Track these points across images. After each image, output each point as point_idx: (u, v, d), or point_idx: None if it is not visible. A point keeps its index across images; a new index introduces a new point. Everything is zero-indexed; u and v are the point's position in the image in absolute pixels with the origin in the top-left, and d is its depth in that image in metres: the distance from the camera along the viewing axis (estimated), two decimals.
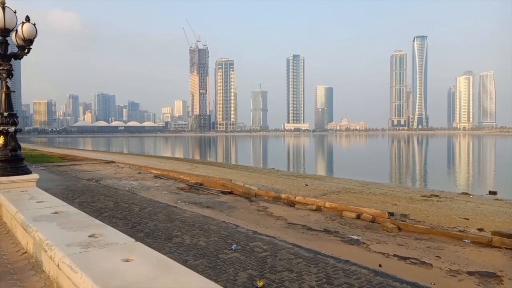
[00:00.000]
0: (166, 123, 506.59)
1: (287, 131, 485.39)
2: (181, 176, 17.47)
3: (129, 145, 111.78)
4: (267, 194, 12.90)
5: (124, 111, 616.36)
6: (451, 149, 79.91)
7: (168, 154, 60.90)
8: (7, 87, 6.33)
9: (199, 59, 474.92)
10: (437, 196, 16.60)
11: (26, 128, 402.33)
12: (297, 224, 7.98)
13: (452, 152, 68.27)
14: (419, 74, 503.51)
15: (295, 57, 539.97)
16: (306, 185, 19.14)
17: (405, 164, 43.76)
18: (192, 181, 16.71)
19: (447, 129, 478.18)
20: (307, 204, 11.25)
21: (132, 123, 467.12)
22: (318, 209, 10.72)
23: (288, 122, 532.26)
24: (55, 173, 17.88)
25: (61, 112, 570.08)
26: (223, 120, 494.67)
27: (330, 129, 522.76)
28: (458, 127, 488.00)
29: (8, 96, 6.32)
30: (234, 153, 71.37)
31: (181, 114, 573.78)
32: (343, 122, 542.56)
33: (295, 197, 11.76)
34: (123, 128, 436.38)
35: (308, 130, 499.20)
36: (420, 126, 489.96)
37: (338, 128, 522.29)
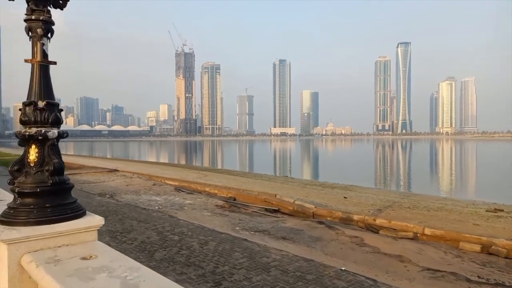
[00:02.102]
0: (151, 127, 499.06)
1: (273, 135, 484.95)
2: (207, 189, 14.95)
3: (117, 150, 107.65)
4: (331, 215, 10.52)
5: (108, 115, 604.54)
6: (459, 153, 79.24)
7: (163, 160, 57.84)
8: (44, 54, 3.47)
9: (185, 63, 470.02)
10: (502, 210, 14.54)
11: (7, 132, 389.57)
12: (438, 271, 5.66)
13: (463, 157, 67.32)
14: (403, 80, 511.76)
15: (281, 61, 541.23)
16: (345, 197, 16.85)
17: (421, 171, 42.01)
18: (222, 194, 14.21)
19: (430, 134, 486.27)
20: (395, 229, 8.94)
21: (116, 127, 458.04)
22: (415, 237, 8.42)
23: (275, 126, 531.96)
24: None
25: None
26: (209, 124, 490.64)
27: (316, 133, 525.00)
28: (441, 132, 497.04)
29: (45, 71, 3.56)
30: (233, 159, 68.73)
31: (166, 118, 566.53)
32: (329, 126, 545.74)
33: (374, 220, 9.43)
34: (107, 132, 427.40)
35: (294, 135, 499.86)
36: (404, 131, 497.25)
37: (324, 132, 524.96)
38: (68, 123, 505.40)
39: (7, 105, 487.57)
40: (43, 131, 3.06)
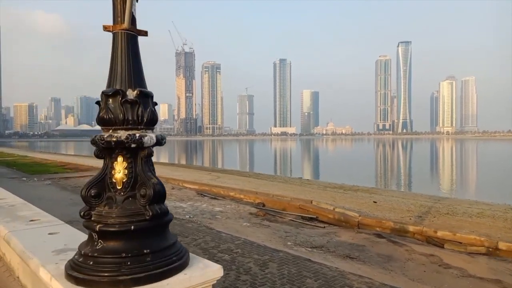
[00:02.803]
0: None
1: (274, 135, 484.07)
2: (231, 193, 13.91)
3: None
4: (380, 225, 9.49)
5: None
6: (466, 153, 78.18)
7: (167, 160, 56.76)
8: (133, 18, 2.31)
9: (186, 62, 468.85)
10: None
11: (7, 132, 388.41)
12: None
13: (472, 156, 66.27)
14: (403, 79, 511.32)
15: (282, 61, 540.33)
16: (375, 202, 15.80)
17: (436, 171, 41.00)
18: (249, 200, 13.18)
19: (431, 133, 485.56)
20: (461, 243, 7.92)
21: None
22: (488, 253, 7.41)
23: (275, 126, 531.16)
24: (69, 191, 14.04)
25: (43, 115, 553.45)
26: (209, 124, 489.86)
27: (316, 133, 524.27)
28: (442, 131, 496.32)
29: (134, 44, 2.41)
30: (239, 159, 67.68)
31: (166, 118, 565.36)
32: (329, 126, 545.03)
33: (435, 232, 8.40)
34: None
35: (294, 134, 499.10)
36: (404, 130, 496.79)
37: (324, 132, 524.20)
38: (68, 122, 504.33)
39: (7, 104, 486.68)
40: (137, 135, 1.99)
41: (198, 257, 2.36)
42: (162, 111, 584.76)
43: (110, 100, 1.98)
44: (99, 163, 2.33)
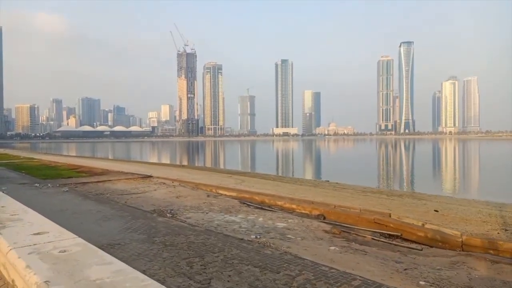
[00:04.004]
0: (153, 127, 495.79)
1: (275, 135, 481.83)
2: (278, 202, 12.04)
3: (125, 151, 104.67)
4: (495, 246, 7.60)
5: (110, 115, 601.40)
6: (480, 152, 76.13)
7: (176, 161, 54.88)
8: None
9: (187, 63, 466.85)
10: None
11: (8, 133, 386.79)
12: None
13: (489, 156, 64.22)
14: (406, 79, 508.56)
15: (284, 61, 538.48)
16: (436, 211, 13.89)
17: (467, 172, 39.01)
18: (303, 211, 11.30)
19: (433, 134, 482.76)
20: None
21: (118, 128, 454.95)
22: None
23: (277, 126, 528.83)
24: (93, 200, 12.14)
25: (45, 116, 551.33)
26: (211, 125, 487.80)
27: (318, 133, 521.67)
28: (444, 131, 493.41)
29: None
30: (251, 161, 65.71)
31: (168, 119, 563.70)
32: (331, 126, 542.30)
33: None
34: (108, 133, 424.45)
35: (296, 135, 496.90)
36: (407, 131, 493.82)
37: (326, 132, 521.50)
38: (70, 123, 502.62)
39: (9, 106, 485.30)
40: None
41: None
42: (163, 112, 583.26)
43: None
44: (113, 165, 0.83)
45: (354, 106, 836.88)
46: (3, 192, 12.50)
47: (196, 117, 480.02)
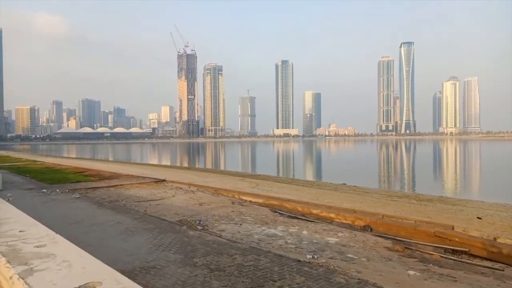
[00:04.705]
0: (154, 129, 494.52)
1: (276, 136, 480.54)
2: (314, 211, 10.87)
3: (125, 152, 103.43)
4: None
5: (110, 117, 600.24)
6: (492, 153, 74.93)
7: (181, 163, 53.73)
8: None
9: (187, 64, 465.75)
10: None
11: (9, 135, 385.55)
12: None
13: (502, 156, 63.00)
14: (406, 80, 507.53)
15: (284, 62, 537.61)
16: (479, 218, 12.77)
17: (485, 174, 37.81)
18: (344, 221, 10.14)
19: (434, 134, 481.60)
20: None
21: (118, 129, 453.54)
22: None
23: (277, 127, 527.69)
24: (109, 208, 10.96)
25: (45, 118, 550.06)
26: (211, 126, 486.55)
27: (319, 134, 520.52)
28: (445, 132, 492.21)
29: None
30: (258, 162, 64.54)
31: (168, 120, 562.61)
32: (332, 127, 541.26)
33: None
34: (109, 134, 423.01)
35: (297, 136, 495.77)
36: (407, 131, 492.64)
37: (326, 133, 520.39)
38: (70, 125, 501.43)
39: (9, 108, 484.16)
40: None
41: None
42: (164, 113, 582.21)
43: None
44: (119, 168, 0.86)
45: (355, 107, 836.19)
46: (9, 200, 11.31)
47: (196, 118, 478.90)
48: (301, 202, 11.91)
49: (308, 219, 10.23)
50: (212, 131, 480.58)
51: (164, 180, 17.78)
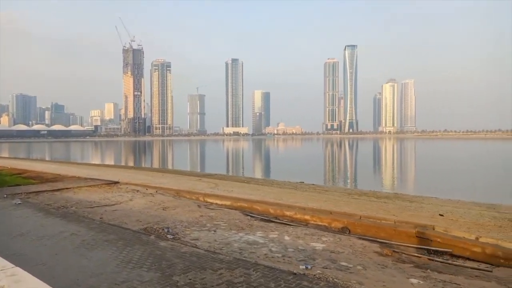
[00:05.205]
0: (96, 127, 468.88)
1: (226, 135, 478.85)
2: (287, 213, 10.31)
3: (65, 151, 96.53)
4: None
5: (47, 113, 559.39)
6: (443, 151, 79.85)
7: (127, 163, 51.01)
8: None
9: (134, 60, 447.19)
10: None
11: None
12: None
13: (453, 155, 67.34)
14: (350, 81, 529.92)
15: (234, 61, 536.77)
16: (441, 215, 13.04)
17: (431, 171, 39.83)
18: (320, 223, 9.70)
19: (375, 133, 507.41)
20: None
21: (56, 127, 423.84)
22: None
23: (227, 126, 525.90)
24: (59, 216, 9.53)
25: None
26: (159, 124, 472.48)
27: (268, 133, 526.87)
28: (384, 131, 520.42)
29: None
30: (208, 160, 63.12)
31: (113, 118, 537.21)
32: (280, 126, 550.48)
33: None
34: (46, 132, 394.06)
35: (247, 134, 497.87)
36: (351, 130, 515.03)
37: (275, 132, 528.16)
38: (2, 122, 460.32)
39: None
40: None
41: None
42: (107, 111, 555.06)
43: None
44: (62, 169, 0.96)
45: (302, 107, 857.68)
46: None
47: (143, 116, 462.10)
48: (273, 204, 11.32)
49: (284, 222, 9.67)
50: (159, 129, 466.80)
51: (117, 182, 16.33)
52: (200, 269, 5.62)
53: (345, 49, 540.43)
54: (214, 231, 8.32)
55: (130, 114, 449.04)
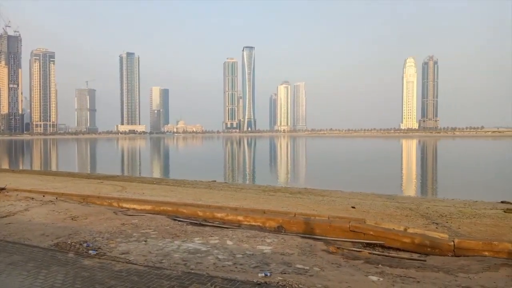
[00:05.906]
0: None
1: (121, 133, 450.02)
2: (218, 215, 9.61)
3: None
4: (490, 248, 7.27)
5: None
6: (341, 148, 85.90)
7: (8, 165, 43.87)
8: None
9: (9, 47, 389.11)
10: None
11: None
12: None
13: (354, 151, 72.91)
14: (248, 81, 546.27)
15: (129, 55, 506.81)
16: (353, 207, 13.97)
17: (336, 166, 42.51)
18: (254, 223, 9.30)
19: (271, 132, 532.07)
20: None
21: None
22: None
23: (122, 123, 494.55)
24: None
25: None
26: (40, 121, 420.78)
27: (167, 131, 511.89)
28: (279, 129, 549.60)
29: None
30: (110, 161, 57.84)
31: None
32: (180, 124, 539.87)
33: None
34: None
35: (144, 132, 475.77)
36: (249, 129, 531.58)
37: (175, 130, 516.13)
38: None
39: None
40: None
41: None
42: None
43: None
44: None
45: (203, 105, 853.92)
46: None
47: (20, 112, 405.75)
48: (200, 206, 10.56)
49: (218, 225, 9.04)
50: (40, 127, 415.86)
51: (3, 189, 13.58)
52: None
53: (243, 50, 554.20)
54: (145, 241, 7.29)
55: (5, 110, 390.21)
